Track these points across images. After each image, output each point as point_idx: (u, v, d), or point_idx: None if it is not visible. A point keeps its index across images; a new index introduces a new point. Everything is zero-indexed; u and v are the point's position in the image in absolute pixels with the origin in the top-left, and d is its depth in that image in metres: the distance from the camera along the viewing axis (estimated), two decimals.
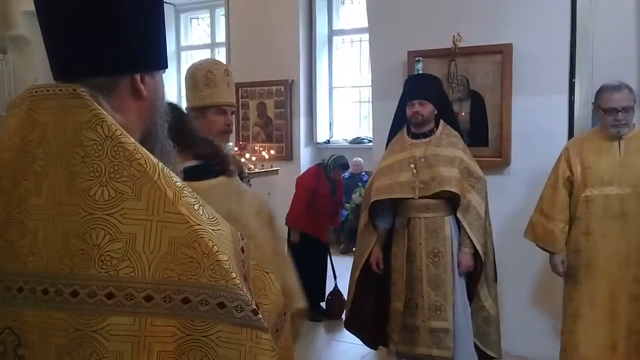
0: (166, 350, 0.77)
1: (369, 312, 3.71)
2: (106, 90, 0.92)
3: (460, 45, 3.97)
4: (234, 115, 2.42)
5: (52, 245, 0.81)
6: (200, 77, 2.32)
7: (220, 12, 9.74)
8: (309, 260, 5.11)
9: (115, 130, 0.84)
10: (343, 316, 5.20)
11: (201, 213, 0.84)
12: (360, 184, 7.56)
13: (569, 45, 3.86)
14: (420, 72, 4.11)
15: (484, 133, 4.06)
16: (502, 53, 3.94)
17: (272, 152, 8.13)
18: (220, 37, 9.81)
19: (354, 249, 6.35)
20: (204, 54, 10.16)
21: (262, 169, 7.04)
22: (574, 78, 3.84)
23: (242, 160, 6.45)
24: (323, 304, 5.33)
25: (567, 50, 3.86)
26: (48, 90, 0.89)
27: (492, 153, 4.04)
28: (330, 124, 9.09)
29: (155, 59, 1.02)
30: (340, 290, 5.25)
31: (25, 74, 10.19)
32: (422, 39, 4.14)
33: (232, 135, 8.90)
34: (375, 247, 3.51)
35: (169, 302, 0.77)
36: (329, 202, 5.28)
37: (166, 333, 0.77)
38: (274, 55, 8.41)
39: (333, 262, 5.47)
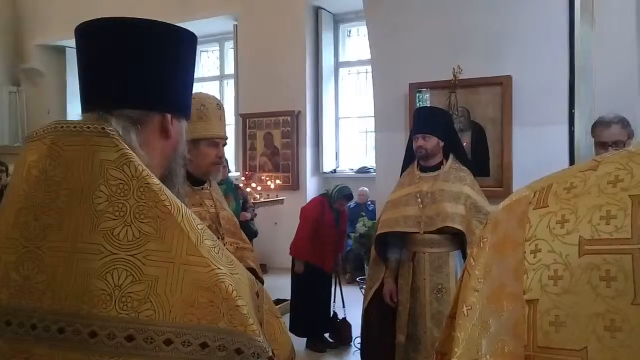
0: None
1: (379, 344, 3.67)
2: (139, 124, 0.96)
3: (461, 77, 4.03)
4: (225, 147, 2.46)
5: (71, 283, 0.81)
6: (193, 110, 2.35)
7: (229, 46, 9.96)
8: (313, 290, 5.11)
9: (142, 170, 0.85)
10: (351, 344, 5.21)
11: (221, 257, 0.85)
12: (364, 214, 7.54)
13: (568, 76, 3.91)
14: (425, 103, 4.14)
15: (485, 163, 4.09)
16: (501, 85, 3.99)
17: (279, 181, 8.18)
18: (229, 69, 10.00)
19: (358, 279, 6.35)
20: (213, 86, 10.34)
21: (268, 198, 7.07)
22: (573, 109, 3.88)
23: (248, 190, 6.50)
24: (327, 335, 5.29)
25: (566, 81, 3.91)
26: (75, 127, 0.89)
27: (494, 183, 4.05)
28: (337, 154, 9.16)
29: (185, 107, 1.07)
30: (347, 319, 5.26)
31: (38, 106, 10.40)
32: (423, 71, 4.21)
33: (239, 165, 9.05)
34: (389, 279, 3.45)
35: (187, 347, 0.78)
36: (333, 232, 5.30)
37: None
38: (280, 87, 8.54)
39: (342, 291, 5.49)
